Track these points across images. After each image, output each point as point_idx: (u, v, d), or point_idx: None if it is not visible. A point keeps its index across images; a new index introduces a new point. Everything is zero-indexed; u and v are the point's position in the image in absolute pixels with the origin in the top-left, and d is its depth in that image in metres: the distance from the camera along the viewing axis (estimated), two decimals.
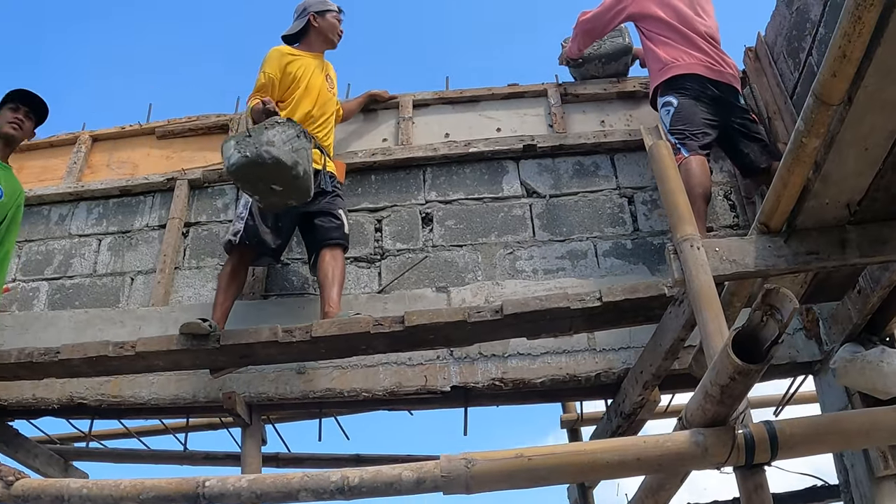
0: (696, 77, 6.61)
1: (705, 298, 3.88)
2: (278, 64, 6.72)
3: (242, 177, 5.85)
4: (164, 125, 7.92)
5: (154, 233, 7.28)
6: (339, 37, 7.21)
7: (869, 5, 3.07)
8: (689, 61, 6.70)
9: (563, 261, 6.73)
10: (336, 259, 6.22)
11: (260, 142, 5.77)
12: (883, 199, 4.11)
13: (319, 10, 7.11)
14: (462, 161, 7.33)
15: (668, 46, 6.82)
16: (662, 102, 6.62)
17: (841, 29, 3.22)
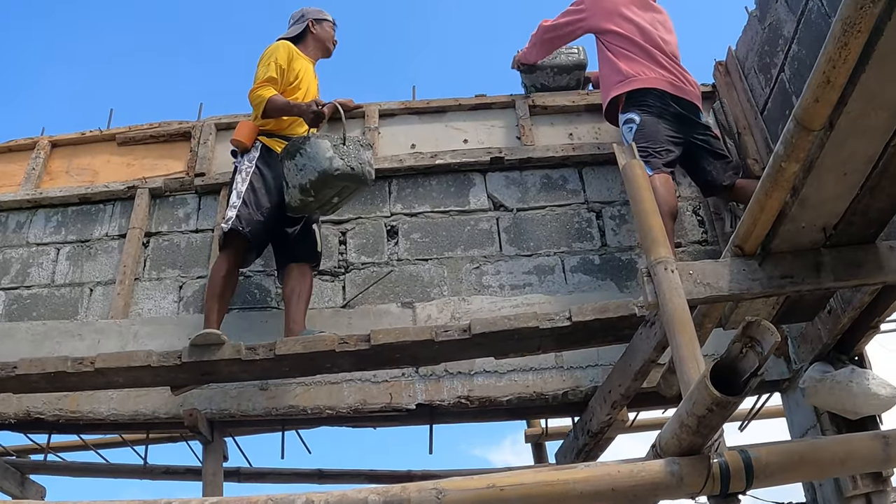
0: (658, 93, 6.55)
1: (679, 322, 3.81)
2: (287, 57, 6.66)
3: (333, 181, 5.90)
4: (126, 132, 7.76)
5: (114, 242, 7.13)
6: (334, 46, 7.21)
7: (856, 31, 3.01)
8: (651, 76, 6.65)
9: (531, 276, 6.67)
10: (304, 275, 6.16)
11: (361, 159, 5.94)
12: (859, 222, 4.09)
13: (317, 18, 7.10)
14: (428, 173, 7.25)
15: (631, 60, 6.75)
16: (625, 119, 6.56)
17: (826, 54, 3.16)
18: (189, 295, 6.72)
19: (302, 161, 5.91)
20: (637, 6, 7.09)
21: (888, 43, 3.08)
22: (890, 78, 3.24)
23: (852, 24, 3.02)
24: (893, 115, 3.44)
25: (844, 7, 3.03)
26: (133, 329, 6.48)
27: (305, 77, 6.73)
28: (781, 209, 3.96)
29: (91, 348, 6.20)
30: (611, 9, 7.02)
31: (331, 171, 5.80)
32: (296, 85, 6.62)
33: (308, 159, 5.88)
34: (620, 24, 6.92)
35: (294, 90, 6.59)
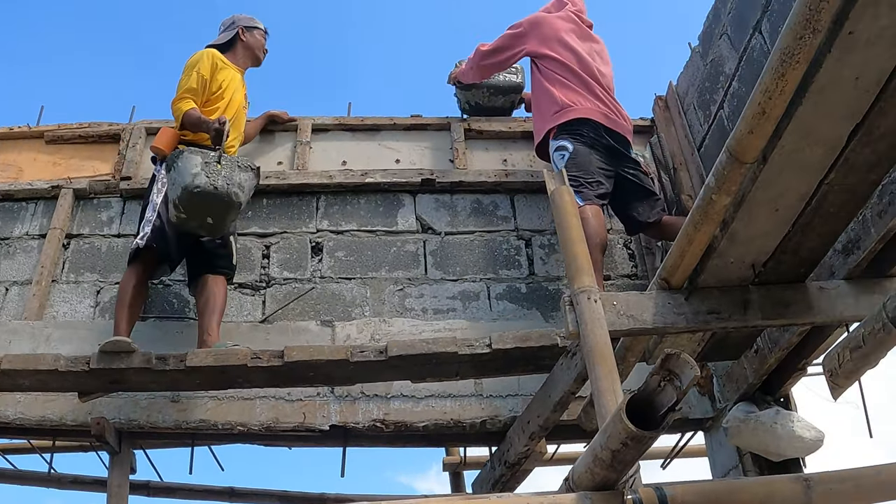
0: (592, 123, 6.47)
1: (599, 354, 3.71)
2: (211, 67, 6.54)
3: (195, 201, 5.73)
4: (55, 129, 7.56)
5: (34, 242, 6.91)
6: (264, 55, 7.12)
7: (794, 63, 2.93)
8: (587, 106, 6.56)
9: (455, 301, 6.58)
10: (218, 286, 6.03)
11: (232, 180, 5.78)
12: (789, 261, 4.05)
13: (248, 26, 7.01)
14: (358, 191, 7.14)
15: (567, 89, 6.66)
16: (556, 146, 6.45)
17: (762, 85, 3.09)
18: (106, 300, 6.53)
19: (174, 175, 5.83)
20: (576, 35, 7.05)
21: (827, 76, 3.03)
22: (827, 113, 3.18)
23: (791, 54, 2.94)
24: (829, 152, 3.38)
25: (784, 37, 2.95)
26: (46, 332, 6.29)
27: (230, 86, 6.62)
28: (710, 243, 3.90)
29: (2, 349, 5.98)
30: (550, 34, 6.97)
31: (192, 188, 5.68)
32: (219, 94, 6.51)
33: (178, 174, 5.79)
34: (559, 50, 6.87)
35: (217, 100, 6.48)
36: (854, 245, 4.36)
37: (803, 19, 2.84)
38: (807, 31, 2.85)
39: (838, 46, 2.92)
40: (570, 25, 7.12)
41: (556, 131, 6.52)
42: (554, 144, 6.49)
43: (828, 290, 4.23)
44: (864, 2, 2.77)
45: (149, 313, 6.40)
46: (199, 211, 5.78)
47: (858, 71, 3.03)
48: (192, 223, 5.85)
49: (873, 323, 3.41)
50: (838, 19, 2.85)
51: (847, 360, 3.57)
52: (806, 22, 2.83)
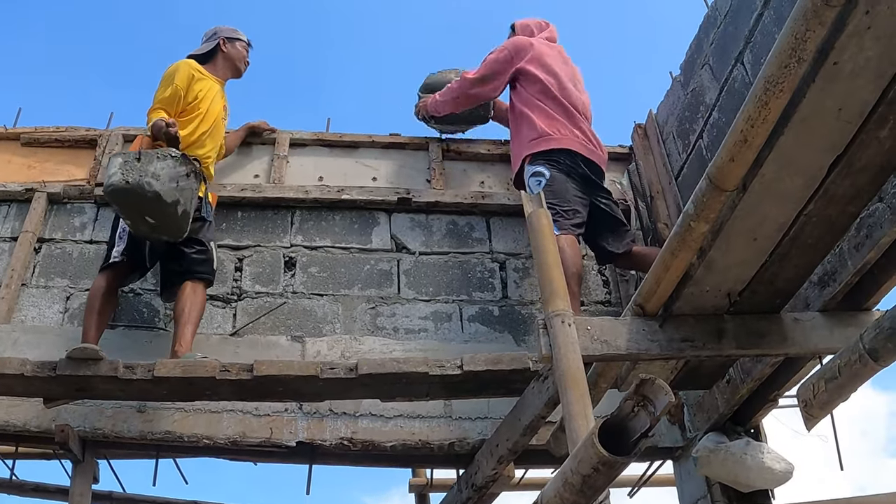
0: (570, 152, 6.46)
1: (572, 378, 3.70)
2: (187, 78, 6.50)
3: (118, 200, 5.68)
4: (31, 132, 7.49)
5: (5, 244, 6.82)
6: (245, 66, 7.11)
7: (778, 91, 2.94)
8: (566, 135, 6.54)
9: (427, 321, 6.55)
10: (197, 294, 5.97)
11: (146, 171, 5.63)
12: (764, 291, 4.08)
13: (230, 37, 7.00)
14: (333, 207, 7.12)
15: (546, 116, 6.64)
16: (532, 171, 6.43)
17: (745, 112, 3.09)
18: (76, 307, 6.45)
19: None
20: (558, 60, 7.07)
21: (810, 106, 3.03)
22: (809, 143, 3.19)
23: (775, 83, 2.95)
24: (809, 183, 3.39)
25: (768, 65, 2.96)
26: (14, 336, 6.21)
27: (207, 96, 6.59)
28: (687, 271, 3.91)
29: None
30: (534, 57, 6.96)
31: (107, 187, 5.66)
32: (195, 104, 6.48)
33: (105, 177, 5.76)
34: (543, 74, 6.85)
35: (193, 110, 6.46)
36: (830, 277, 4.37)
37: (789, 48, 2.84)
38: (792, 59, 2.86)
39: (822, 77, 2.93)
40: (550, 50, 7.13)
41: (532, 157, 6.51)
42: (530, 169, 6.47)
43: (802, 321, 4.24)
44: (849, 32, 2.77)
45: (118, 321, 6.33)
46: (130, 211, 5.74)
47: (841, 102, 3.04)
48: (141, 227, 5.80)
49: (849, 354, 3.42)
50: (824, 49, 2.86)
51: (822, 390, 3.57)
52: (791, 51, 2.84)
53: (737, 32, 5.89)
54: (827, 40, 2.83)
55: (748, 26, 5.71)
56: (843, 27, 2.77)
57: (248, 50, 7.12)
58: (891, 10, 2.73)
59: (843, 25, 2.77)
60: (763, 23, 5.53)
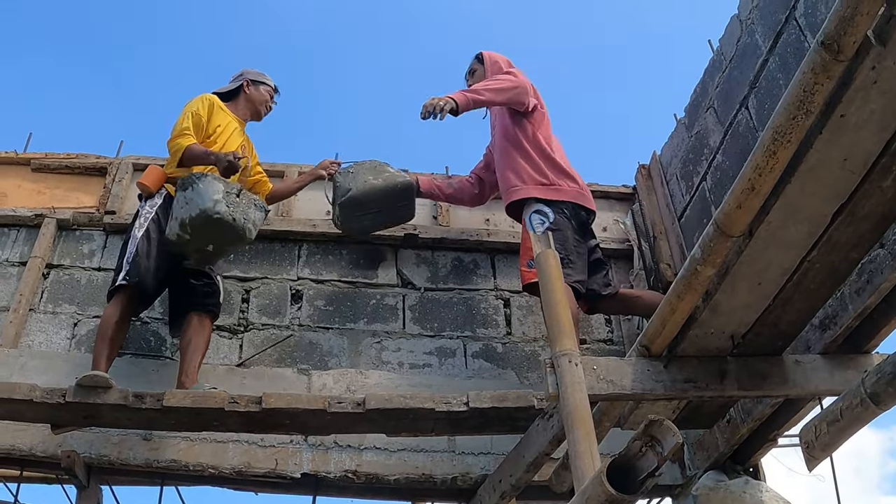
0: (572, 204, 6.37)
1: (578, 417, 3.76)
2: (208, 108, 6.54)
3: (210, 224, 5.77)
4: (42, 158, 7.54)
5: (13, 269, 6.88)
6: (266, 110, 7.02)
7: (786, 141, 3.03)
8: (572, 186, 6.45)
9: (431, 357, 6.60)
10: (203, 327, 5.99)
11: (248, 216, 5.88)
12: (767, 334, 4.15)
13: (254, 80, 6.96)
14: (340, 241, 7.16)
15: (554, 165, 6.51)
16: (537, 208, 6.31)
17: (753, 161, 3.18)
18: (83, 333, 6.50)
19: (190, 195, 5.83)
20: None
21: (816, 156, 3.12)
22: (813, 192, 3.28)
23: (783, 133, 3.04)
24: (812, 231, 3.47)
25: (777, 116, 3.04)
26: (21, 360, 6.25)
27: (225, 132, 6.59)
28: (692, 313, 3.97)
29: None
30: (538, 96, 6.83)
31: (211, 213, 5.70)
32: (213, 139, 6.47)
33: (196, 195, 5.80)
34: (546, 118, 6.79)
35: (210, 144, 6.43)
36: (831, 321, 4.43)
37: (797, 100, 2.93)
38: (800, 111, 2.94)
39: (829, 128, 3.01)
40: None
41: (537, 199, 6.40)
42: (535, 205, 6.35)
43: (803, 363, 4.32)
44: (856, 86, 2.86)
45: (126, 350, 6.33)
46: (207, 236, 5.83)
47: (847, 153, 3.12)
48: (191, 247, 5.88)
49: (851, 398, 3.49)
50: (831, 102, 2.94)
51: (824, 432, 3.64)
52: (800, 103, 2.92)
53: (742, 77, 5.97)
54: (834, 93, 2.92)
55: (753, 72, 5.80)
56: (851, 81, 2.86)
57: (274, 95, 7.07)
58: None
59: (851, 79, 2.86)
60: (768, 69, 5.62)
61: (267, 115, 7.04)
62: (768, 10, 5.69)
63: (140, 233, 6.04)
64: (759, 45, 5.76)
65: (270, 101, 7.02)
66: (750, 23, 5.95)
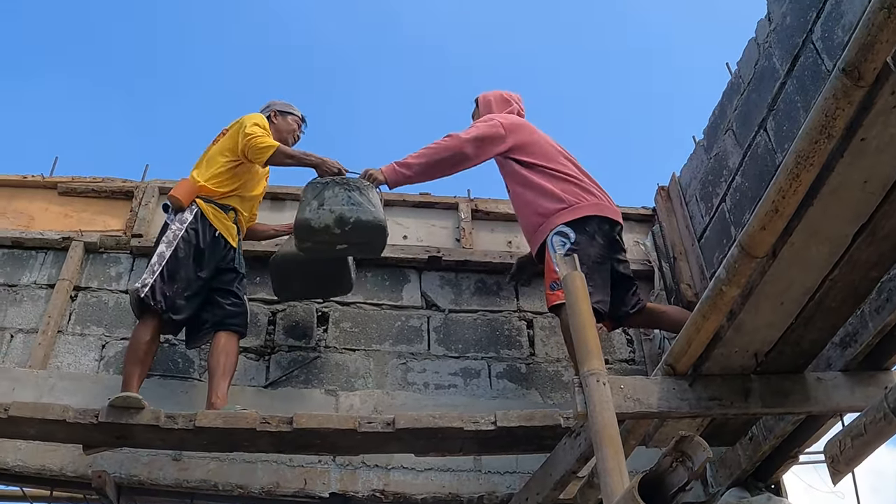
0: (597, 219, 6.28)
1: (607, 435, 3.81)
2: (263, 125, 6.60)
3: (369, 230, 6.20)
4: (68, 182, 7.65)
5: (41, 291, 6.97)
6: (294, 139, 7.03)
7: (808, 165, 3.11)
8: (592, 201, 6.34)
9: (456, 377, 6.67)
10: (231, 346, 6.06)
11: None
12: (790, 352, 4.19)
13: (281, 111, 7.02)
14: (364, 264, 7.20)
15: (565, 182, 6.41)
16: (559, 230, 6.20)
17: (777, 184, 3.25)
18: (111, 355, 6.59)
19: (359, 198, 6.10)
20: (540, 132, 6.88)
21: (837, 179, 3.19)
22: (835, 214, 3.35)
23: (806, 157, 3.11)
24: (834, 251, 3.54)
25: (800, 140, 3.12)
26: (50, 381, 6.34)
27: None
28: (717, 332, 4.03)
29: (4, 395, 6.04)
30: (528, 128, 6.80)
31: (382, 223, 6.20)
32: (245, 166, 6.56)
33: (366, 201, 6.12)
34: (543, 142, 6.73)
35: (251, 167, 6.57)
36: (851, 339, 4.49)
37: (819, 125, 3.01)
38: (822, 136, 3.03)
39: (850, 152, 3.09)
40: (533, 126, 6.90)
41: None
42: (556, 228, 6.23)
43: (825, 380, 4.37)
44: (877, 111, 2.94)
45: (154, 371, 6.38)
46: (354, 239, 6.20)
47: (867, 175, 3.20)
48: (327, 241, 6.17)
49: (875, 412, 3.54)
50: (852, 126, 3.02)
51: (848, 447, 3.69)
52: (822, 128, 3.01)
53: (760, 100, 6.04)
54: (855, 118, 2.99)
55: (771, 94, 5.86)
56: (871, 106, 2.93)
57: (302, 125, 7.11)
58: None
59: (871, 104, 2.93)
60: (786, 91, 5.69)
61: (295, 144, 7.04)
62: (785, 34, 5.76)
63: (168, 251, 6.10)
64: (777, 68, 5.83)
65: (298, 130, 7.07)
66: (767, 46, 6.02)
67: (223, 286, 6.27)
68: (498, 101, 7.09)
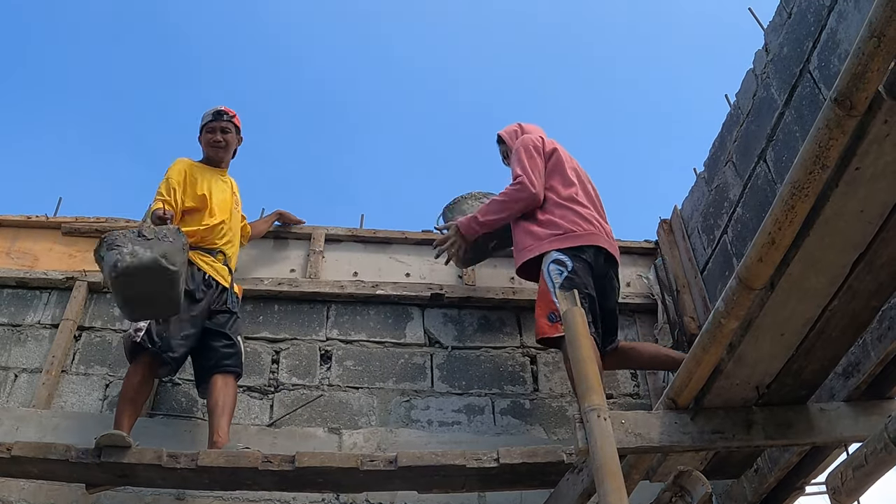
0: (594, 248, 6.27)
1: (609, 471, 3.80)
2: (182, 173, 6.66)
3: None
4: (72, 222, 7.68)
5: (45, 331, 6.97)
6: (215, 149, 7.01)
7: (804, 195, 3.10)
8: (590, 230, 6.33)
9: (460, 414, 6.64)
10: (228, 386, 6.06)
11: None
12: (792, 383, 4.16)
13: (201, 126, 7.04)
14: (368, 302, 7.25)
15: (570, 212, 6.40)
16: (554, 258, 6.15)
17: (772, 216, 3.25)
18: (115, 394, 6.50)
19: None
20: (565, 153, 6.89)
21: (833, 209, 3.18)
22: (832, 244, 3.33)
23: (800, 187, 3.11)
24: (832, 281, 3.52)
25: (794, 170, 3.12)
26: (54, 421, 6.31)
27: (213, 189, 6.76)
28: (717, 365, 4.01)
29: (8, 434, 6.02)
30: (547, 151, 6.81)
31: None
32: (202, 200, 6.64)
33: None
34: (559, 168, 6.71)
35: (204, 206, 6.63)
36: (854, 368, 4.49)
37: (813, 155, 3.01)
38: (816, 166, 3.02)
39: (845, 181, 3.08)
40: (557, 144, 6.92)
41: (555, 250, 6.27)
42: (552, 256, 6.19)
43: (828, 411, 4.34)
44: (870, 139, 2.93)
45: (158, 410, 6.45)
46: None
47: (863, 204, 3.19)
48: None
49: (875, 443, 3.53)
50: (846, 156, 3.01)
51: (850, 478, 3.68)
52: (816, 158, 3.00)
53: (759, 131, 6.06)
54: (849, 147, 2.99)
55: (770, 125, 5.88)
56: (864, 135, 2.93)
57: (218, 122, 7.02)
58: None
59: (864, 133, 2.93)
60: (784, 121, 5.71)
61: (224, 147, 7.03)
62: (783, 64, 5.79)
63: None
64: (775, 98, 5.85)
65: (214, 134, 6.99)
66: (765, 77, 6.05)
67: (216, 328, 6.29)
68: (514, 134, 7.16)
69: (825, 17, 5.25)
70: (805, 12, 5.56)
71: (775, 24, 6.08)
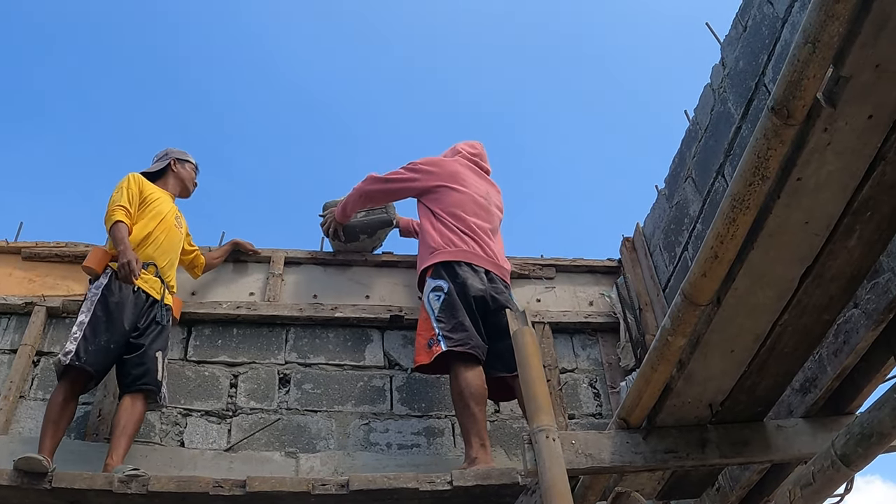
0: (468, 265, 6.56)
1: (557, 492, 3.74)
2: (138, 186, 6.77)
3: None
4: (32, 247, 7.58)
5: (4, 357, 6.86)
6: (193, 186, 7.41)
7: (744, 208, 3.05)
8: (462, 248, 6.67)
9: (419, 437, 6.58)
10: (135, 407, 6.02)
11: None
12: (746, 400, 4.13)
13: (180, 158, 7.30)
14: (327, 325, 7.21)
15: (446, 228, 6.80)
16: (433, 286, 6.50)
17: (714, 230, 3.20)
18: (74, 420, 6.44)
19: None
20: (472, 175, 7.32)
21: (776, 221, 3.13)
22: (778, 257, 3.29)
23: (741, 200, 3.06)
24: (781, 294, 3.48)
25: (734, 183, 3.07)
26: (11, 447, 6.15)
27: (159, 200, 6.88)
28: (667, 383, 3.97)
29: None
30: (444, 175, 7.20)
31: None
32: (145, 207, 6.74)
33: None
34: (449, 192, 7.05)
35: (145, 213, 6.70)
36: (811, 384, 4.44)
37: (752, 166, 2.95)
38: (756, 177, 2.97)
39: (787, 192, 3.03)
40: (464, 167, 7.34)
41: (434, 270, 6.62)
42: (431, 283, 6.54)
43: (785, 428, 4.30)
44: (810, 149, 2.88)
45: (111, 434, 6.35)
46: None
47: (808, 215, 3.14)
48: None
49: (822, 461, 3.48)
50: (786, 166, 2.96)
51: (798, 497, 3.62)
52: (755, 169, 2.95)
53: (717, 146, 6.04)
54: (789, 157, 2.94)
55: (727, 139, 5.87)
56: (804, 144, 2.88)
57: (196, 172, 7.46)
58: (849, 126, 2.84)
59: (804, 143, 2.88)
60: (741, 135, 5.69)
61: (193, 191, 7.42)
62: (739, 78, 5.77)
63: (86, 317, 6.15)
64: (732, 112, 5.83)
65: (194, 179, 7.41)
66: (722, 91, 6.03)
67: (137, 341, 6.26)
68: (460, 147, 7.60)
69: (779, 29, 5.23)
70: (760, 25, 5.54)
71: (731, 37, 6.08)
